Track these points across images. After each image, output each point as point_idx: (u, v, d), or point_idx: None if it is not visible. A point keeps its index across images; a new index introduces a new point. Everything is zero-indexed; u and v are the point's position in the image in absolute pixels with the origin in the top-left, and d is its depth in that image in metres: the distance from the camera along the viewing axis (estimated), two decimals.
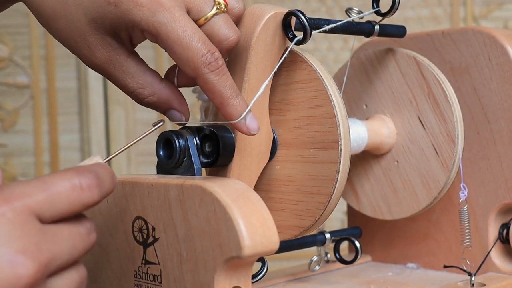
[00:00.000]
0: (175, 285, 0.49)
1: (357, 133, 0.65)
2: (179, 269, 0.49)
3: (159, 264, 0.51)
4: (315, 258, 0.68)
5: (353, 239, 0.68)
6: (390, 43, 0.72)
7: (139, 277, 0.52)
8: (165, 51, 0.52)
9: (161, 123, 0.54)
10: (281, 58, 0.56)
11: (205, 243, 0.47)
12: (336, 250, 0.69)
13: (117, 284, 0.54)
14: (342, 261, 0.69)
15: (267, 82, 0.55)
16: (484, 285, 0.63)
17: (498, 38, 0.65)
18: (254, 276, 0.60)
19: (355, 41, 0.70)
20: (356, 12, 0.61)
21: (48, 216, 0.41)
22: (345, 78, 0.69)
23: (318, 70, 0.56)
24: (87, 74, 1.32)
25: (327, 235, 0.68)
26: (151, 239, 0.51)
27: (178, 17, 0.50)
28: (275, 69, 0.56)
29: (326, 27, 0.58)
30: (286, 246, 0.64)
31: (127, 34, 0.52)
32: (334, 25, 0.59)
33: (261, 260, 0.61)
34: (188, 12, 0.52)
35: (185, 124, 0.56)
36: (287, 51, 0.56)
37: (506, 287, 0.64)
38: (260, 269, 0.61)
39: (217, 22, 0.52)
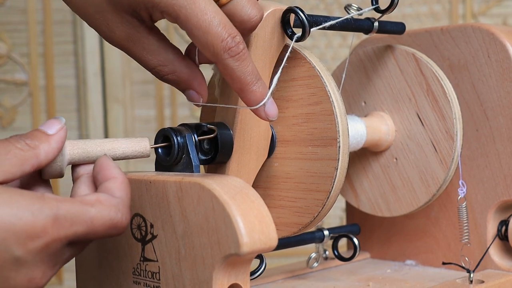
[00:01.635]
0: (173, 282, 0.49)
1: (356, 130, 0.65)
2: (178, 266, 0.49)
3: (157, 261, 0.51)
4: (313, 255, 0.68)
5: (351, 236, 0.68)
6: (388, 40, 0.72)
7: (137, 274, 0.52)
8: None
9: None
10: (284, 57, 0.55)
11: (203, 240, 0.47)
12: (335, 247, 0.69)
13: (115, 281, 0.54)
14: (341, 258, 0.69)
15: (278, 74, 0.54)
16: (482, 282, 0.63)
17: (497, 35, 0.65)
18: (252, 273, 0.60)
19: (354, 38, 0.70)
20: (355, 9, 0.61)
21: (75, 242, 0.44)
22: (344, 75, 0.69)
23: (316, 67, 0.56)
24: (85, 72, 1.32)
25: (326, 232, 0.68)
26: (149, 236, 0.51)
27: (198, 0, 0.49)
28: (281, 68, 0.55)
29: (325, 24, 0.58)
30: (284, 243, 0.64)
31: (147, 12, 0.51)
32: (333, 22, 0.59)
33: (260, 257, 0.61)
34: None
35: (202, 105, 0.55)
36: (289, 49, 0.55)
37: (504, 284, 0.64)
38: (259, 266, 0.61)
39: (240, 2, 0.51)
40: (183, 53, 0.55)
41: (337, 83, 0.71)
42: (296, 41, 0.55)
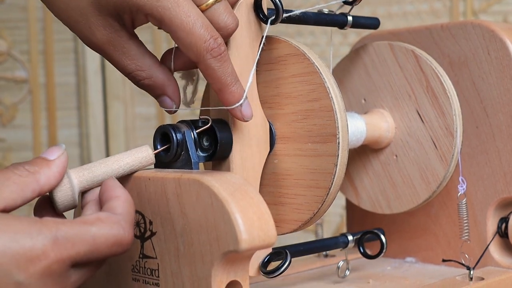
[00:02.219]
0: (172, 279, 0.49)
1: (356, 127, 0.65)
2: (177, 263, 0.49)
3: (156, 258, 0.51)
4: (341, 263, 0.66)
5: (378, 232, 0.65)
6: (388, 37, 0.72)
7: (136, 271, 0.52)
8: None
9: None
10: (260, 43, 0.57)
11: (202, 237, 0.47)
12: (361, 244, 0.65)
13: (114, 278, 0.54)
14: (366, 255, 0.65)
15: (253, 70, 0.55)
16: (482, 279, 0.63)
17: (497, 32, 0.65)
18: (277, 269, 0.57)
19: (355, 37, 0.70)
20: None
21: (80, 263, 0.44)
22: (331, 68, 0.69)
23: (316, 63, 0.56)
24: (86, 69, 1.32)
25: (350, 237, 0.65)
26: (148, 233, 0.51)
27: (182, 3, 0.50)
28: (258, 53, 0.56)
29: (296, 12, 0.59)
30: (308, 249, 0.63)
31: (130, 17, 0.53)
32: (303, 10, 0.60)
33: (284, 252, 0.58)
34: None
35: (176, 111, 0.57)
36: (265, 32, 0.56)
37: (504, 281, 0.64)
38: (283, 261, 0.57)
39: (217, 9, 0.52)
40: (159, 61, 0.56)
41: (337, 80, 0.71)
42: (271, 23, 0.56)
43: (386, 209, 0.69)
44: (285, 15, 0.57)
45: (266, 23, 0.56)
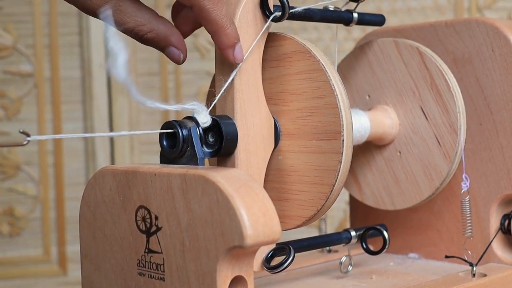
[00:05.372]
0: (177, 274, 0.50)
1: (360, 124, 0.65)
2: (182, 258, 0.49)
3: (162, 253, 0.51)
4: (343, 259, 0.66)
5: (381, 229, 0.65)
6: (393, 34, 0.72)
7: (142, 265, 0.53)
8: None
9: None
10: (259, 34, 0.57)
11: (207, 232, 0.47)
12: (363, 240, 0.65)
13: (120, 272, 0.55)
14: (369, 251, 0.66)
15: (247, 53, 0.56)
16: (485, 275, 0.63)
17: (502, 29, 0.65)
18: (281, 264, 0.57)
19: (360, 32, 0.70)
20: None
21: None
22: (336, 61, 0.69)
23: (321, 61, 0.56)
24: (90, 63, 1.32)
25: (353, 233, 0.65)
26: (154, 228, 0.51)
27: None
28: (254, 42, 0.57)
29: (299, 8, 0.59)
30: (311, 244, 0.63)
31: None
32: (308, 6, 0.60)
33: (288, 247, 0.58)
34: None
35: (184, 60, 0.57)
36: (266, 25, 0.57)
37: (507, 278, 0.64)
38: (286, 257, 0.57)
39: None
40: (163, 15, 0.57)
41: (342, 76, 0.71)
42: (276, 21, 0.57)
43: (389, 205, 0.69)
44: (290, 11, 0.57)
45: (269, 19, 0.57)
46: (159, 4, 1.33)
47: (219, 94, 0.55)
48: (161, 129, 0.56)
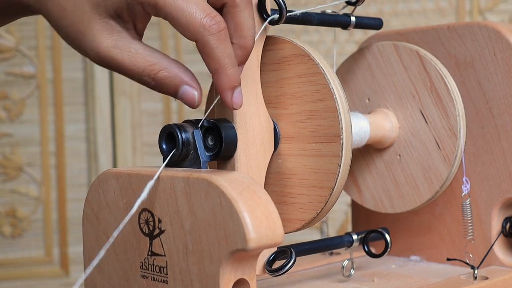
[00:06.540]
0: (180, 276, 0.50)
1: (359, 127, 0.65)
2: (185, 261, 0.50)
3: (165, 255, 0.51)
4: (345, 262, 0.66)
5: (383, 232, 0.65)
6: (394, 37, 0.73)
7: (145, 268, 0.53)
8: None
9: None
10: (256, 34, 0.56)
11: (210, 235, 0.47)
12: (365, 243, 0.65)
13: (123, 275, 0.55)
14: (370, 254, 0.66)
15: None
16: (486, 278, 0.63)
17: (504, 33, 0.65)
18: (282, 267, 0.58)
19: (362, 34, 0.71)
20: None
21: None
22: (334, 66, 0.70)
23: (320, 64, 0.56)
24: (93, 65, 1.32)
25: (354, 236, 0.65)
26: (157, 231, 0.52)
27: None
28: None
29: (299, 12, 0.60)
30: (313, 248, 0.63)
31: (128, 14, 0.52)
32: (305, 10, 0.60)
33: (289, 250, 0.59)
34: None
35: (199, 103, 0.54)
36: (262, 28, 0.57)
37: (508, 281, 0.64)
38: (287, 260, 0.58)
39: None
40: None
41: (341, 79, 0.71)
42: (273, 23, 0.57)
43: (389, 208, 0.69)
44: (288, 15, 0.57)
45: (269, 23, 0.57)
46: (165, 47, 1.33)
47: (218, 97, 0.55)
48: (160, 133, 0.56)
